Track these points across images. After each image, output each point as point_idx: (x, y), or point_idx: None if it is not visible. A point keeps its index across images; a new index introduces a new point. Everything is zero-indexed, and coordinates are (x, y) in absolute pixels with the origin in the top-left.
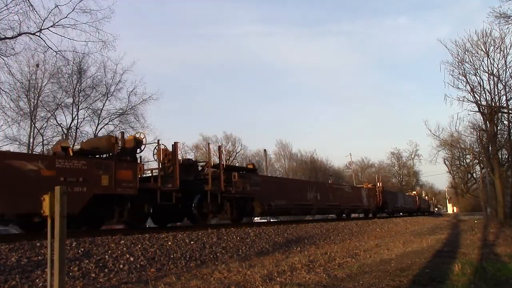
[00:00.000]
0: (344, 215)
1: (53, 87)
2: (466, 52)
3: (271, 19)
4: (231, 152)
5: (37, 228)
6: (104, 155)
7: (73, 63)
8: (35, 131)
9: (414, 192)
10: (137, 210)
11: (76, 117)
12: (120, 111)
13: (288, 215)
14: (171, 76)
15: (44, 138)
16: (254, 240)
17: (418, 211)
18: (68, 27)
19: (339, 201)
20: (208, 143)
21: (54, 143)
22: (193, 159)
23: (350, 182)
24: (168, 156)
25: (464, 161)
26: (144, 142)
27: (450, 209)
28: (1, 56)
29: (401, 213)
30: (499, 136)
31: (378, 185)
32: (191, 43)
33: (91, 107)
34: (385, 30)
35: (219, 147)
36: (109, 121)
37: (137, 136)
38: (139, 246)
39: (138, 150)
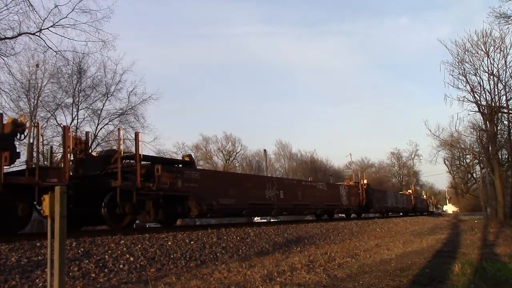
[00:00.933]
0: (325, 215)
1: (53, 87)
2: (466, 52)
3: (271, 19)
4: (231, 152)
5: None
6: None
7: (73, 63)
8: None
9: (409, 191)
10: (3, 212)
11: (76, 117)
12: (120, 111)
13: (238, 216)
14: (171, 76)
15: (44, 138)
16: (254, 240)
17: (413, 211)
18: (68, 27)
19: (310, 200)
20: (119, 129)
21: (54, 143)
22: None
23: None
24: (81, 145)
25: (464, 161)
26: (27, 127)
27: (450, 209)
28: (1, 56)
29: (401, 213)
30: (499, 136)
31: (362, 182)
32: (191, 43)
33: (91, 107)
34: (385, 30)
35: (136, 134)
36: (109, 121)
37: (18, 120)
38: (139, 246)
39: (21, 137)
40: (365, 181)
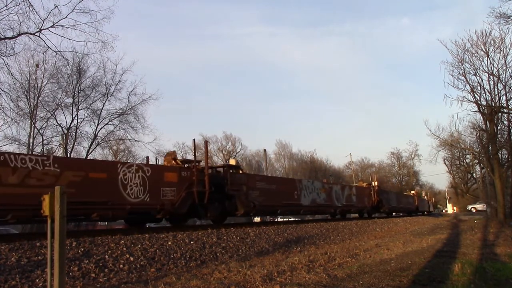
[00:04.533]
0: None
1: (53, 87)
2: (466, 52)
3: (273, 20)
4: (231, 152)
5: None
6: None
7: (73, 63)
8: (35, 131)
9: (374, 183)
10: None
11: (76, 117)
12: (120, 111)
13: None
14: (171, 76)
15: (44, 138)
16: (254, 240)
17: (376, 210)
18: (67, 27)
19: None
20: None
21: (54, 143)
22: None
23: (350, 182)
24: None
25: (464, 161)
26: None
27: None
28: (1, 56)
29: (334, 215)
30: (499, 136)
31: (213, 163)
32: (192, 43)
33: (91, 107)
34: (387, 31)
35: None
36: (109, 121)
37: None
38: (139, 246)
39: None
40: (232, 162)
